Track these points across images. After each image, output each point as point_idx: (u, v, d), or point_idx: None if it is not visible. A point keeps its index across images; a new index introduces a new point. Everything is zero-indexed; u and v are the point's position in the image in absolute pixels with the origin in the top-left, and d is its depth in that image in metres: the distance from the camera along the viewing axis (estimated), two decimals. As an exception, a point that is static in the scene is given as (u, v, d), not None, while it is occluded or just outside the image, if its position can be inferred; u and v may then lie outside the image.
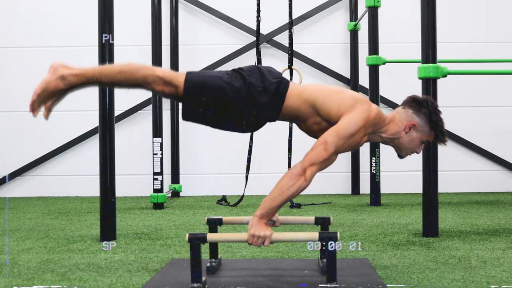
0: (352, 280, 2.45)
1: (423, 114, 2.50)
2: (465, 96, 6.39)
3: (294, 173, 2.34)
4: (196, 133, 6.44)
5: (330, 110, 2.43)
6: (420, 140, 2.53)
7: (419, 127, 2.50)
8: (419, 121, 2.50)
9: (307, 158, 2.36)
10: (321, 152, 2.35)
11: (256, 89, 2.40)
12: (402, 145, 2.54)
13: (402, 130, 2.51)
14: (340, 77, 6.42)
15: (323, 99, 2.45)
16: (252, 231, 2.30)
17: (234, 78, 2.42)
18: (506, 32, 6.41)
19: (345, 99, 2.44)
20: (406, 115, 2.51)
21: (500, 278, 2.50)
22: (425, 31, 3.55)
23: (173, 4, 6.28)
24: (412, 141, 2.52)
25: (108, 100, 3.52)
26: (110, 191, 3.50)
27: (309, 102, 2.46)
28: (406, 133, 2.51)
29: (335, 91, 2.49)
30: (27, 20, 6.46)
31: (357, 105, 2.42)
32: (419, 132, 2.51)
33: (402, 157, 2.62)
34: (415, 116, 2.50)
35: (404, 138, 2.52)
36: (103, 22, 3.53)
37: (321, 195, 6.22)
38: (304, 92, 2.48)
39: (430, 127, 2.50)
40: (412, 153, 2.58)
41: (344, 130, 2.37)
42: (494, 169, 6.41)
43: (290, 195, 2.34)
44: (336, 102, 2.43)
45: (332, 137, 2.36)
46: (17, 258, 3.01)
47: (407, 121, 2.50)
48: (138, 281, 2.52)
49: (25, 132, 6.41)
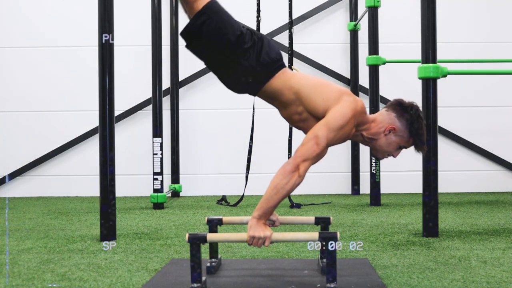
0: (352, 280, 2.46)
1: (405, 120, 2.49)
2: (464, 96, 6.39)
3: (287, 170, 2.33)
4: (196, 133, 6.44)
5: (316, 102, 2.44)
6: (398, 144, 2.52)
7: (399, 131, 2.49)
8: (400, 125, 2.49)
9: (299, 154, 2.35)
10: (313, 147, 2.35)
11: (252, 54, 2.43)
12: (380, 147, 2.53)
13: (382, 132, 2.50)
14: (340, 77, 6.42)
15: (309, 90, 2.46)
16: (251, 232, 2.29)
17: (245, 35, 2.44)
18: (506, 32, 6.41)
19: (331, 92, 2.44)
20: (388, 117, 2.51)
21: (500, 278, 2.50)
22: (425, 31, 3.55)
23: (173, 4, 6.28)
24: (389, 144, 2.51)
25: (108, 100, 3.52)
26: (110, 191, 3.50)
27: (294, 89, 2.47)
28: (385, 135, 2.50)
29: (321, 83, 2.49)
30: (27, 20, 6.46)
31: (343, 97, 2.43)
32: (398, 137, 2.50)
33: (378, 159, 2.63)
34: (397, 120, 2.49)
35: (382, 140, 2.51)
36: (103, 22, 3.52)
37: (321, 195, 6.22)
38: (291, 79, 2.49)
39: (410, 133, 2.49)
40: (388, 156, 2.57)
41: (333, 123, 2.37)
42: (494, 169, 6.41)
43: (286, 193, 2.34)
44: (322, 95, 2.44)
45: (322, 131, 2.36)
46: (17, 258, 3.01)
47: (388, 123, 2.49)
48: (138, 281, 2.52)
49: (25, 132, 6.41)
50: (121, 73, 5.73)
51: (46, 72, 6.44)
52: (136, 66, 6.38)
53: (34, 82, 6.44)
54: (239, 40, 2.43)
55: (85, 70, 6.35)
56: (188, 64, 6.44)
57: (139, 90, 6.36)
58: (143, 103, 6.37)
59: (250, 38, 2.46)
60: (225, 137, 6.44)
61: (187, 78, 6.42)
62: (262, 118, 5.86)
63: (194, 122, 6.44)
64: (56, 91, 6.42)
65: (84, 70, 6.38)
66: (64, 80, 6.44)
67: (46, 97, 6.42)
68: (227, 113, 6.43)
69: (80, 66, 6.42)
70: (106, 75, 3.52)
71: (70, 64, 6.45)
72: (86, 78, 6.34)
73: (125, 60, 6.30)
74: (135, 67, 6.38)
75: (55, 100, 6.42)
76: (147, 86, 6.09)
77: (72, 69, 6.44)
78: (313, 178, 6.38)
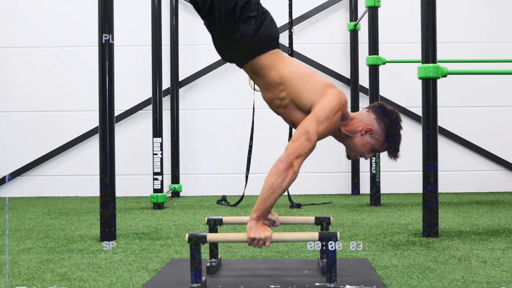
0: (352, 280, 2.46)
1: (383, 123, 2.50)
2: (465, 96, 6.39)
3: (281, 169, 2.32)
4: (196, 133, 6.44)
5: (300, 93, 2.45)
6: (372, 146, 2.52)
7: (375, 133, 2.50)
8: (378, 128, 2.50)
9: (292, 151, 2.34)
10: (305, 143, 2.35)
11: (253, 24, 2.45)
12: (353, 146, 2.54)
13: (359, 131, 2.51)
14: (340, 77, 6.42)
15: (296, 79, 2.47)
16: (251, 234, 2.29)
17: (252, 4, 2.48)
18: (506, 32, 6.41)
19: (317, 85, 2.45)
20: (368, 118, 2.52)
21: (500, 278, 2.50)
22: (425, 31, 3.55)
23: (173, 4, 6.28)
24: (364, 145, 2.52)
25: (108, 100, 3.52)
26: (110, 191, 3.50)
27: (281, 73, 2.48)
28: (361, 135, 2.51)
29: (308, 74, 2.49)
30: (27, 20, 6.46)
31: (328, 90, 2.44)
32: (373, 139, 2.51)
33: (349, 158, 2.63)
34: (376, 123, 2.50)
35: (357, 139, 2.52)
36: (103, 22, 3.52)
37: (321, 195, 6.22)
38: (281, 62, 2.51)
39: (386, 137, 2.50)
40: (360, 156, 2.58)
41: (321, 116, 2.38)
42: (494, 169, 6.41)
43: (282, 192, 2.34)
44: (308, 86, 2.45)
45: (312, 126, 2.36)
46: (17, 258, 3.01)
47: (366, 124, 2.50)
48: (138, 281, 2.52)
49: (25, 132, 6.41)
50: (121, 73, 5.73)
51: (46, 72, 6.44)
52: (136, 66, 6.38)
53: (34, 82, 6.44)
54: (246, 6, 2.45)
55: (85, 70, 6.35)
56: (188, 64, 6.44)
57: (139, 90, 6.36)
58: (143, 103, 6.37)
59: (256, 8, 2.49)
60: (225, 137, 6.44)
61: (187, 78, 6.42)
62: (262, 118, 5.86)
63: (194, 122, 6.44)
64: (56, 91, 6.42)
65: (84, 70, 6.38)
66: (64, 80, 6.44)
67: (46, 97, 6.42)
68: (227, 113, 6.43)
69: (80, 66, 6.42)
70: (106, 75, 3.52)
71: (70, 64, 6.45)
72: (86, 78, 6.34)
73: (125, 60, 6.30)
74: (135, 67, 6.39)
75: (55, 100, 6.42)
76: (147, 86, 6.09)
77: (72, 69, 6.44)
78: (313, 178, 6.38)
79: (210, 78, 6.45)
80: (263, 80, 2.54)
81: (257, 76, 2.56)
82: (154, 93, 5.32)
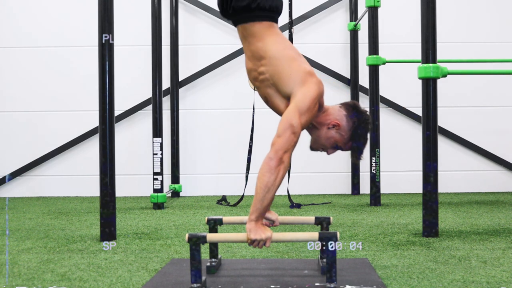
0: (352, 280, 2.45)
1: (352, 122, 2.49)
2: (465, 96, 6.39)
3: (272, 166, 2.31)
4: (196, 133, 6.44)
5: (280, 75, 2.45)
6: (335, 142, 2.52)
7: (341, 130, 2.49)
8: (345, 125, 2.49)
9: (280, 147, 2.33)
10: (291, 137, 2.34)
11: None
12: (318, 138, 2.53)
13: (327, 124, 2.50)
14: (340, 77, 6.42)
15: (279, 59, 2.47)
16: (252, 235, 2.28)
17: None
18: (506, 32, 6.41)
19: (298, 72, 2.45)
20: (338, 113, 2.51)
21: (500, 278, 2.50)
22: (425, 31, 3.55)
23: (173, 4, 6.29)
24: (328, 139, 2.51)
25: (108, 100, 3.52)
26: (110, 191, 3.50)
27: (266, 48, 2.50)
28: (328, 128, 2.50)
29: (292, 58, 2.49)
30: (28, 20, 6.46)
31: (308, 78, 2.44)
32: (338, 135, 2.50)
33: (312, 149, 2.61)
34: (344, 119, 2.50)
35: (323, 132, 2.51)
36: (103, 22, 3.52)
37: (321, 195, 6.22)
38: (270, 36, 2.52)
39: (351, 136, 2.50)
40: (322, 150, 2.57)
41: (303, 108, 2.38)
42: (494, 169, 6.41)
43: (277, 188, 2.34)
44: (290, 70, 2.45)
45: (295, 119, 2.35)
46: (17, 258, 3.01)
47: (335, 118, 2.50)
48: (138, 281, 2.52)
49: (25, 132, 6.41)
50: (121, 73, 5.73)
51: (46, 72, 6.44)
52: (136, 66, 6.38)
53: (34, 82, 6.44)
54: None
55: (85, 70, 6.35)
56: (188, 64, 6.44)
57: (139, 90, 6.36)
58: (143, 103, 6.37)
59: None
60: (225, 137, 6.44)
61: (187, 78, 6.42)
62: (262, 118, 5.86)
63: (194, 122, 6.44)
64: (56, 91, 6.42)
65: (84, 70, 6.37)
66: (64, 80, 6.43)
67: (46, 97, 6.42)
68: (227, 113, 6.43)
69: (80, 66, 6.42)
70: (106, 75, 3.52)
71: (71, 64, 6.44)
72: (86, 78, 6.34)
73: (125, 60, 6.30)
74: (135, 67, 6.39)
75: (55, 100, 6.42)
76: (147, 86, 6.09)
77: (72, 69, 6.44)
78: (313, 178, 6.38)
79: (210, 78, 6.45)
80: (249, 47, 2.56)
81: (245, 41, 2.58)
82: (154, 93, 5.32)
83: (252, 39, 2.53)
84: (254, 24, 2.52)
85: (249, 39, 2.54)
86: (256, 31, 2.52)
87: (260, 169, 2.34)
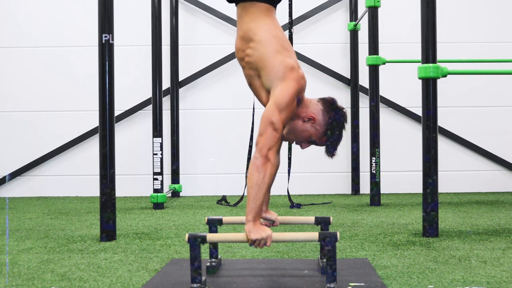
0: (352, 280, 2.46)
1: (328, 117, 2.49)
2: (465, 96, 6.39)
3: (259, 165, 2.33)
4: (196, 133, 6.44)
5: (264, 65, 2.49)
6: (310, 136, 2.52)
7: (316, 124, 2.50)
8: (321, 119, 2.50)
9: (263, 145, 2.35)
10: (272, 134, 2.37)
11: None
12: (293, 129, 2.54)
13: (302, 117, 2.51)
14: (340, 77, 6.42)
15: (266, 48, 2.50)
16: (252, 236, 2.29)
17: None
18: (506, 32, 6.41)
19: (280, 66, 2.46)
20: (315, 107, 2.52)
21: (500, 278, 2.50)
22: (425, 31, 3.55)
23: (173, 4, 6.28)
24: (303, 131, 2.52)
25: (108, 100, 3.52)
26: (110, 191, 3.50)
27: (256, 32, 2.54)
28: (303, 121, 2.51)
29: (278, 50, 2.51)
30: (29, 21, 6.46)
31: (288, 74, 2.45)
32: (313, 129, 2.50)
33: (286, 140, 2.61)
34: (320, 113, 2.50)
35: (298, 124, 2.51)
36: (103, 22, 3.52)
37: (321, 195, 6.22)
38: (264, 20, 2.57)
39: (325, 131, 2.49)
40: (297, 143, 2.58)
41: (282, 105, 2.39)
42: (494, 169, 6.41)
43: (268, 186, 2.35)
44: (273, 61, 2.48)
45: (275, 116, 2.37)
46: (17, 258, 3.01)
47: (311, 112, 2.50)
48: (138, 281, 2.52)
49: (25, 132, 6.41)
50: (121, 73, 5.73)
51: (46, 72, 6.44)
52: (136, 66, 6.38)
53: (34, 82, 6.44)
54: None
55: (85, 70, 6.35)
56: (188, 64, 6.44)
57: (139, 90, 6.36)
58: (143, 103, 6.37)
59: None
60: (225, 137, 6.44)
61: (187, 78, 6.42)
62: (262, 118, 5.86)
63: (194, 122, 6.44)
64: (56, 91, 6.42)
65: (84, 70, 6.38)
66: (64, 80, 6.43)
67: (46, 97, 6.42)
68: (227, 113, 6.43)
69: (80, 66, 6.42)
70: (106, 75, 3.52)
71: (71, 64, 6.44)
72: (86, 78, 6.34)
73: (125, 60, 6.30)
74: (135, 67, 6.39)
75: (55, 100, 6.42)
76: (147, 86, 6.09)
77: (72, 69, 6.44)
78: (313, 178, 6.38)
79: (210, 78, 6.45)
80: (242, 26, 2.61)
81: (240, 19, 2.62)
82: (154, 93, 5.32)
83: (247, 17, 2.59)
84: (253, 4, 2.58)
85: (245, 17, 2.60)
86: (253, 10, 2.58)
87: (248, 170, 2.37)
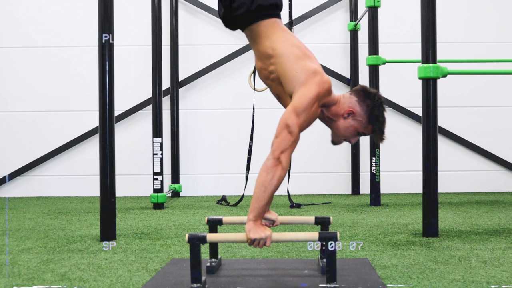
0: (352, 280, 2.45)
1: (366, 106, 2.48)
2: (465, 96, 6.39)
3: (269, 166, 2.32)
4: (196, 133, 6.44)
5: (287, 73, 2.46)
6: (355, 129, 2.50)
7: (358, 116, 2.48)
8: (360, 110, 2.48)
9: (276, 147, 2.34)
10: (287, 137, 2.35)
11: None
12: (337, 130, 2.52)
13: (341, 114, 2.49)
14: (340, 77, 6.42)
15: (286, 58, 2.47)
16: (252, 235, 2.29)
17: None
18: (506, 32, 6.41)
19: (302, 71, 2.44)
20: (349, 101, 2.50)
21: (500, 278, 2.50)
22: (425, 31, 3.55)
23: (173, 4, 6.28)
24: (347, 128, 2.50)
25: (108, 100, 3.52)
26: (110, 191, 3.50)
27: (274, 46, 2.51)
28: (344, 118, 2.49)
29: (297, 56, 2.49)
30: (29, 21, 6.46)
31: (309, 79, 2.42)
32: (356, 121, 2.49)
33: (334, 143, 2.59)
34: (357, 105, 2.48)
35: (340, 123, 2.50)
36: (103, 22, 3.52)
37: (321, 195, 6.22)
38: (277, 34, 2.53)
39: (369, 119, 2.47)
40: (346, 141, 2.56)
41: (300, 108, 2.37)
42: (494, 169, 6.41)
43: (274, 188, 2.33)
44: (295, 68, 2.45)
45: (291, 119, 2.36)
46: (17, 258, 3.01)
47: (348, 107, 2.49)
48: (138, 281, 2.52)
49: (25, 132, 6.41)
50: (121, 73, 5.73)
51: (46, 72, 6.44)
52: (136, 66, 6.38)
53: (34, 82, 6.44)
54: None
55: (85, 70, 6.35)
56: (188, 64, 6.44)
57: (139, 90, 6.36)
58: (143, 103, 6.37)
59: None
60: (225, 137, 6.44)
61: (187, 78, 6.42)
62: (262, 118, 5.86)
63: (194, 122, 6.44)
64: (56, 91, 6.42)
65: (84, 70, 6.38)
66: (64, 80, 6.43)
67: (46, 97, 6.42)
68: (227, 113, 6.43)
69: (80, 66, 6.42)
70: (106, 75, 3.52)
71: (71, 64, 6.44)
72: (87, 78, 6.34)
73: (125, 60, 6.30)
74: (135, 67, 6.39)
75: (55, 100, 6.42)
76: (147, 86, 6.09)
77: (72, 69, 6.44)
78: (313, 178, 6.38)
79: (210, 78, 6.45)
80: (257, 48, 2.57)
81: (253, 42, 2.59)
82: (154, 93, 5.32)
83: (259, 39, 2.55)
84: (259, 24, 2.54)
85: (257, 39, 2.56)
86: (262, 30, 2.54)
87: (259, 170, 2.35)
